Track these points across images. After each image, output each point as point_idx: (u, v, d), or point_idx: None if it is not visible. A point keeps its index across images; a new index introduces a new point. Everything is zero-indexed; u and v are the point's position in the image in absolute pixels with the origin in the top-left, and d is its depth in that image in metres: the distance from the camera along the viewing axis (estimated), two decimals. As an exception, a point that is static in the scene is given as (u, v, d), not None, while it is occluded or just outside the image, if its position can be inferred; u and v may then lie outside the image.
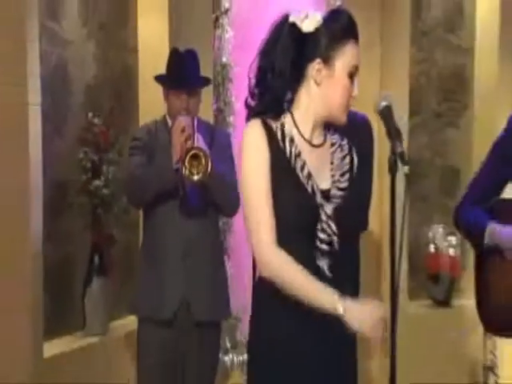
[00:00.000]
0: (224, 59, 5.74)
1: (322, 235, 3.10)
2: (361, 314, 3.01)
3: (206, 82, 4.69)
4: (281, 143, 3.11)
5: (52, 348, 5.01)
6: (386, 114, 3.09)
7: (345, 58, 3.03)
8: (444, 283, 6.10)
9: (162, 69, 4.85)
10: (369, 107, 3.52)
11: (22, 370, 4.72)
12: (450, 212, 4.60)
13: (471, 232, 4.23)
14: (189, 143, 4.52)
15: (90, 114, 5.33)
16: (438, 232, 6.06)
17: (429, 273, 6.20)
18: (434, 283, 6.17)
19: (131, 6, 5.90)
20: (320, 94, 3.07)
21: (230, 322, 5.68)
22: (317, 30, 3.02)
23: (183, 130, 4.53)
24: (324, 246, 3.12)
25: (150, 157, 4.73)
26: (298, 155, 3.13)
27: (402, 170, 2.87)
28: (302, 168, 3.13)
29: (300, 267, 3.04)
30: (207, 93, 5.37)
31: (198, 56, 4.67)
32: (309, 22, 3.03)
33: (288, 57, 3.05)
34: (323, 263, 3.12)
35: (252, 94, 3.14)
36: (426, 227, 6.21)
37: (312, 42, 3.03)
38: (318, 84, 3.03)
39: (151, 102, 5.54)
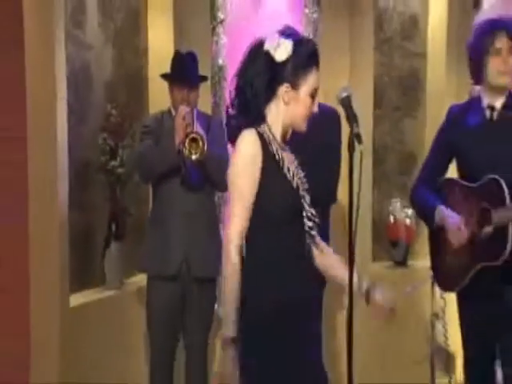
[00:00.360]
0: (220, 61, 5.78)
1: (308, 222, 3.19)
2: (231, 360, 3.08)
3: (203, 79, 4.77)
4: (269, 147, 3.17)
5: (77, 299, 5.11)
6: (346, 103, 3.18)
7: (308, 83, 3.15)
8: (401, 247, 6.13)
9: (167, 68, 4.96)
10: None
11: (53, 318, 4.83)
12: (407, 189, 4.76)
13: (424, 213, 4.31)
14: (189, 128, 4.62)
15: (109, 106, 5.42)
16: (397, 205, 6.11)
17: (389, 239, 6.22)
18: (394, 247, 6.18)
19: (142, 16, 5.93)
20: (287, 110, 3.17)
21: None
22: (287, 59, 3.11)
23: (184, 118, 4.63)
24: (311, 230, 3.21)
25: (157, 141, 4.82)
26: (282, 160, 3.19)
27: (359, 148, 2.98)
28: (288, 168, 3.21)
29: (236, 277, 3.10)
30: (206, 90, 5.52)
31: (198, 58, 4.77)
32: (280, 52, 3.10)
33: (262, 80, 3.13)
34: (310, 241, 3.22)
35: (232, 105, 3.23)
36: (388, 202, 6.23)
37: (282, 69, 3.11)
38: (285, 103, 3.13)
39: (159, 96, 5.58)
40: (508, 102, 4.11)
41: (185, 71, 4.86)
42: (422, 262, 5.62)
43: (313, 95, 3.19)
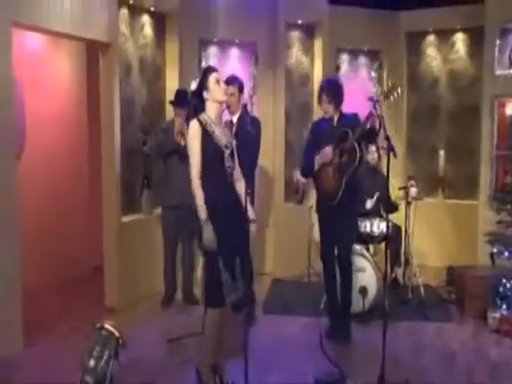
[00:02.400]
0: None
1: (226, 163, 3.45)
2: (207, 231, 3.32)
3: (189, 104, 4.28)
4: (206, 126, 3.40)
5: (126, 219, 5.43)
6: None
7: (211, 79, 3.43)
8: (299, 194, 6.14)
9: (172, 98, 5.22)
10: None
11: (113, 227, 5.28)
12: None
13: (310, 166, 4.42)
14: (181, 129, 4.89)
15: (143, 118, 5.67)
16: (298, 171, 5.44)
17: (293, 189, 6.23)
18: (296, 194, 6.19)
19: (162, 70, 5.95)
20: (210, 97, 3.44)
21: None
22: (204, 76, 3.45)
23: (179, 124, 4.95)
24: (228, 169, 3.46)
25: (165, 136, 5.04)
26: (212, 131, 3.41)
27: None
28: (216, 137, 3.43)
29: (201, 193, 3.32)
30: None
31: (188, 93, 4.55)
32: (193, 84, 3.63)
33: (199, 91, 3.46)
34: (227, 173, 3.45)
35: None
36: (293, 169, 6.20)
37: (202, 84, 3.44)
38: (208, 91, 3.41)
39: (169, 112, 5.66)
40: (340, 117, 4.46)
41: (179, 100, 5.07)
42: (310, 201, 5.92)
43: (217, 81, 3.43)
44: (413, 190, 5.75)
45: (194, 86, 3.61)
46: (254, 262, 5.25)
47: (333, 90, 4.49)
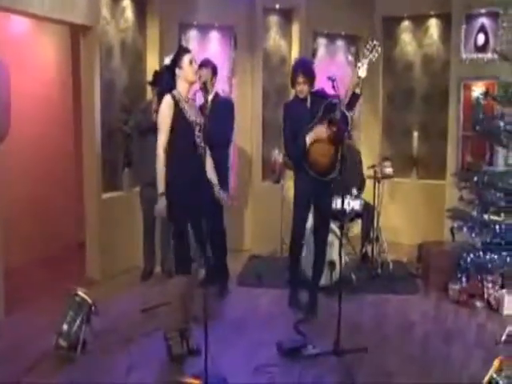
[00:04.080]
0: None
1: (197, 139, 3.53)
2: (162, 202, 3.42)
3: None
4: (178, 102, 3.48)
5: (107, 196, 5.51)
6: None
7: (185, 59, 3.51)
8: (276, 173, 6.11)
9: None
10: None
11: (94, 203, 5.39)
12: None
13: (299, 146, 4.34)
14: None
15: (124, 99, 5.74)
16: (275, 151, 6.08)
17: (271, 169, 6.25)
18: (273, 173, 6.19)
19: (143, 54, 6.01)
20: (183, 76, 3.52)
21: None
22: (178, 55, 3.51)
23: (155, 103, 4.57)
24: (198, 143, 3.53)
25: (144, 114, 5.08)
26: (184, 107, 3.49)
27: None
28: (188, 113, 3.50)
29: (162, 163, 3.42)
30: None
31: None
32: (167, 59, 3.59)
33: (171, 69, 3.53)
34: (197, 148, 3.52)
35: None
36: (273, 150, 6.20)
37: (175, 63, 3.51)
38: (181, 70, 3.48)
39: (149, 95, 5.71)
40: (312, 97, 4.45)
41: (157, 81, 4.66)
42: (288, 182, 5.77)
43: (191, 62, 3.52)
44: (387, 170, 5.90)
45: (167, 60, 3.63)
46: (233, 239, 5.60)
47: (308, 70, 4.50)
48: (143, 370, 3.57)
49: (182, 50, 3.63)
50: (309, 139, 4.35)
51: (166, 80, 3.59)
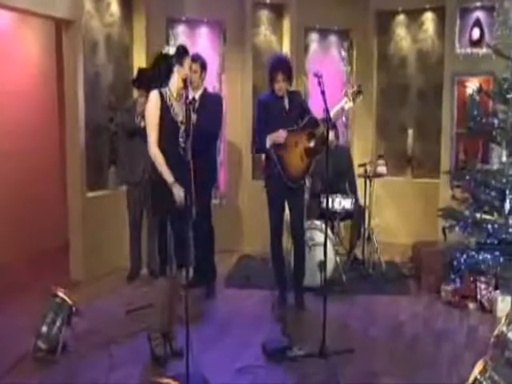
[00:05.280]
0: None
1: (180, 139, 3.51)
2: (179, 190, 3.41)
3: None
4: (165, 100, 3.47)
5: (92, 194, 5.53)
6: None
7: (185, 61, 3.52)
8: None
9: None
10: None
11: (78, 201, 5.38)
12: None
13: (262, 145, 4.46)
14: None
15: (110, 96, 5.76)
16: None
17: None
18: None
19: (130, 49, 6.06)
20: (177, 76, 3.50)
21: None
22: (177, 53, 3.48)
23: (142, 103, 4.83)
24: (182, 144, 3.51)
25: (129, 114, 5.19)
26: (171, 105, 3.48)
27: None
28: (174, 112, 3.50)
29: (161, 159, 3.42)
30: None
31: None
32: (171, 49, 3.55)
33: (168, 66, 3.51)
34: (180, 149, 3.50)
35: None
36: None
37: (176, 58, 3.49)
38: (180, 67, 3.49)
39: (136, 92, 5.63)
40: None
41: (141, 80, 5.15)
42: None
43: (190, 67, 3.60)
44: (380, 169, 5.89)
45: (169, 50, 3.59)
46: (223, 239, 5.53)
47: (287, 67, 4.51)
48: (124, 370, 3.58)
49: (187, 52, 3.63)
50: (269, 141, 4.42)
51: (163, 70, 3.56)
